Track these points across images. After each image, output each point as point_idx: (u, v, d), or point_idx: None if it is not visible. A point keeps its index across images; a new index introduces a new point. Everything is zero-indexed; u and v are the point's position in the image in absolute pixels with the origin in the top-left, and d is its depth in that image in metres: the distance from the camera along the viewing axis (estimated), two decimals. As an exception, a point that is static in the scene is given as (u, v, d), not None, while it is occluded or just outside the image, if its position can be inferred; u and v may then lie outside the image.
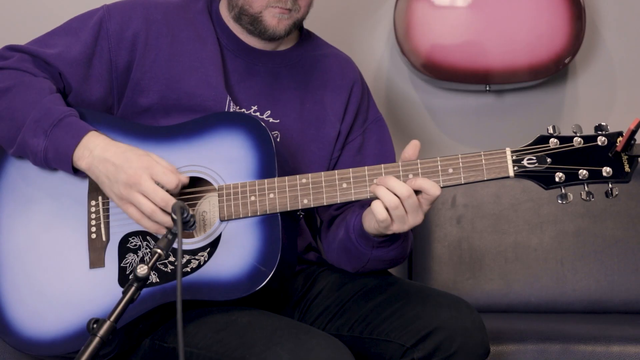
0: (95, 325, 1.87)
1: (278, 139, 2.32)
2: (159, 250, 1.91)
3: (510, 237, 3.12)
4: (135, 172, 2.10)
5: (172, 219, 1.94)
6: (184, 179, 2.14)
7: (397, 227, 2.10)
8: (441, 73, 3.18)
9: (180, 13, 2.34)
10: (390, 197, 2.07)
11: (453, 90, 3.37)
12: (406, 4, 3.16)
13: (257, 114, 2.32)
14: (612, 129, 2.14)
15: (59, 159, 2.17)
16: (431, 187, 2.07)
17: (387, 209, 2.07)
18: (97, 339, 1.85)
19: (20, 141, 2.19)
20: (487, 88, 3.22)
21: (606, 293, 3.07)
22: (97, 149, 2.15)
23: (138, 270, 1.88)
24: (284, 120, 2.34)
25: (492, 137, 3.39)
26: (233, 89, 2.32)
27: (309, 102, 2.37)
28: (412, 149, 2.14)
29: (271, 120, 2.33)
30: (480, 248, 3.11)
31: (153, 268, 1.91)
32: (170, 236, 1.93)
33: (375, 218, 2.09)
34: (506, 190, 3.12)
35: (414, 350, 2.13)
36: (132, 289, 1.89)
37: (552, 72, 3.19)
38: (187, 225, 2.08)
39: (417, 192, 2.09)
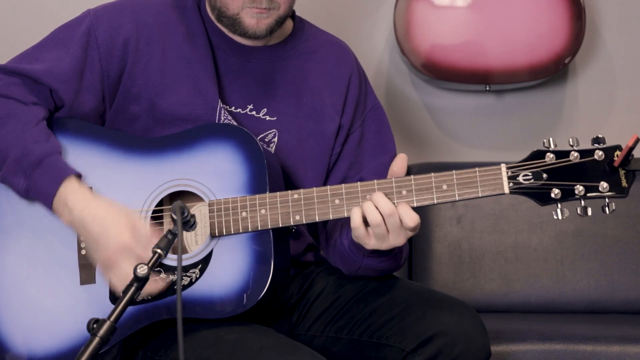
0: (95, 325, 1.86)
1: (276, 138, 2.30)
2: (158, 250, 1.90)
3: (510, 237, 3.11)
4: (113, 253, 2.07)
5: (172, 218, 1.93)
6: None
7: (374, 243, 2.09)
8: (441, 73, 3.18)
9: (171, 14, 2.29)
10: (374, 214, 2.05)
11: (453, 90, 3.37)
12: (406, 4, 3.16)
13: (254, 112, 2.29)
14: (611, 130, 2.13)
15: (40, 201, 2.15)
16: (406, 215, 2.06)
17: (366, 223, 2.06)
18: (97, 339, 1.85)
19: (2, 177, 2.16)
20: (487, 88, 3.21)
21: (606, 293, 3.07)
22: (75, 210, 2.10)
23: (138, 270, 1.87)
24: (281, 117, 2.30)
25: (492, 137, 3.39)
26: (227, 89, 2.29)
27: (306, 96, 2.33)
28: (399, 162, 2.12)
29: (268, 118, 2.30)
30: (480, 248, 3.11)
31: (152, 269, 1.90)
32: (170, 236, 1.92)
33: (351, 224, 2.08)
34: (506, 190, 3.12)
35: (415, 354, 2.11)
36: (132, 289, 1.89)
37: (552, 72, 3.19)
38: (187, 225, 2.07)
39: None
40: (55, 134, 2.22)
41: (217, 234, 2.13)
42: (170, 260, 2.11)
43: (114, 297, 2.15)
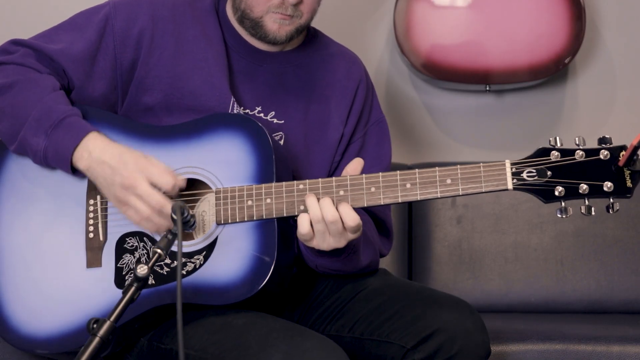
0: (95, 325, 1.86)
1: (282, 141, 2.31)
2: (159, 250, 1.91)
3: (510, 237, 3.11)
4: (131, 175, 2.11)
5: (172, 219, 1.93)
6: (181, 182, 2.14)
7: (316, 243, 2.11)
8: (441, 73, 3.18)
9: (188, 10, 2.32)
10: (316, 210, 2.07)
11: (453, 90, 3.37)
12: (406, 4, 3.16)
13: (262, 115, 2.31)
14: (611, 130, 2.12)
15: (58, 159, 2.18)
16: (347, 215, 2.07)
17: (311, 223, 2.08)
18: (97, 339, 1.85)
19: (21, 139, 2.19)
20: (487, 88, 3.22)
21: (606, 293, 3.07)
22: (95, 151, 2.15)
23: (138, 270, 1.88)
24: (288, 121, 2.33)
25: (492, 137, 3.39)
26: (237, 89, 2.31)
27: (314, 104, 2.35)
28: (354, 164, 2.13)
29: (275, 121, 2.32)
30: (480, 248, 3.11)
31: (152, 268, 1.90)
32: (170, 236, 1.93)
33: (298, 230, 2.09)
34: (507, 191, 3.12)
35: (415, 351, 2.12)
36: (132, 289, 1.89)
37: (552, 72, 3.19)
38: (187, 225, 2.08)
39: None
40: None
41: (222, 222, 2.14)
42: (175, 246, 2.12)
43: (119, 281, 2.18)
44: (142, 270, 1.88)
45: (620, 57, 3.37)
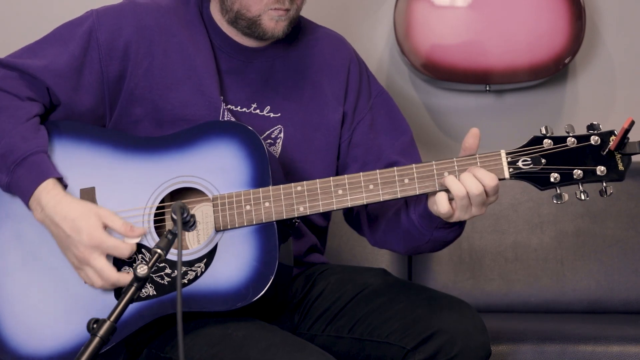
0: (95, 325, 1.86)
1: (281, 134, 2.31)
2: (159, 250, 1.91)
3: (510, 237, 3.12)
4: (85, 251, 2.11)
5: (172, 219, 1.93)
6: (140, 233, 2.14)
7: (456, 216, 2.10)
8: (441, 73, 3.18)
9: (172, 17, 2.31)
10: (459, 187, 2.06)
11: (453, 90, 3.37)
12: (406, 4, 3.16)
13: (257, 111, 2.31)
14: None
15: (21, 197, 2.18)
16: (485, 177, 2.06)
17: (451, 200, 2.07)
18: (97, 339, 1.85)
19: None
20: (487, 88, 3.21)
21: (606, 293, 3.07)
22: (47, 207, 2.14)
23: (138, 270, 1.87)
24: (285, 113, 2.33)
25: (492, 137, 3.39)
26: (230, 90, 2.31)
27: (308, 89, 2.35)
28: (472, 138, 2.11)
29: (272, 115, 2.32)
30: (480, 248, 3.11)
31: (152, 269, 1.90)
32: (170, 236, 1.93)
33: (439, 210, 2.08)
34: (506, 190, 3.12)
35: (415, 352, 2.12)
36: (132, 289, 1.89)
37: (552, 72, 3.19)
38: (187, 226, 2.08)
39: None
40: (59, 136, 2.24)
41: (221, 228, 2.14)
42: (174, 255, 2.12)
43: (118, 295, 2.16)
44: (142, 270, 1.88)
45: (620, 57, 3.37)
